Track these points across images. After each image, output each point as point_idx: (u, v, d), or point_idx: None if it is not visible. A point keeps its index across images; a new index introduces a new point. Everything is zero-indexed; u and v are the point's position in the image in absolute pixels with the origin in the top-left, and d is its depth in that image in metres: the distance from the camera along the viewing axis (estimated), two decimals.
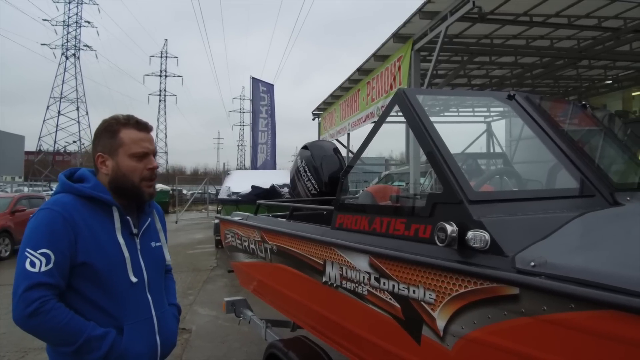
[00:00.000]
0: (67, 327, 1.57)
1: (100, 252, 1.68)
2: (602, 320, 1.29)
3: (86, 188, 1.74)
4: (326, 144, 5.12)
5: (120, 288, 1.72)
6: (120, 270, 1.72)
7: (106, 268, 1.68)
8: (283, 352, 3.01)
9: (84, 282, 1.66)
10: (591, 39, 8.50)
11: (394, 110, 2.47)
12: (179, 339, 5.63)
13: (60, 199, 1.71)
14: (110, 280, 1.69)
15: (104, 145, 1.80)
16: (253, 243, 3.73)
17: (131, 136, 1.80)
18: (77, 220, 1.66)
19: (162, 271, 1.97)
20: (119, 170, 1.78)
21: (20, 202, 13.18)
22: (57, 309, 1.57)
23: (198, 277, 9.26)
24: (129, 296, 1.74)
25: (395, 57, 7.89)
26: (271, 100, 18.86)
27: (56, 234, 1.62)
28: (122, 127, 1.80)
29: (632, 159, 2.75)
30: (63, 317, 1.57)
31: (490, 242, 1.65)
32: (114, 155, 1.79)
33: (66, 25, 56.52)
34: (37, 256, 1.58)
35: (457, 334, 1.73)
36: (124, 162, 1.78)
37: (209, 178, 31.14)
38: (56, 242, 1.61)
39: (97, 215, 1.73)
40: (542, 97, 2.79)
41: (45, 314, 1.54)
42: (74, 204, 1.70)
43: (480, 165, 4.30)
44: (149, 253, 1.87)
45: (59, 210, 1.65)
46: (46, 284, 1.56)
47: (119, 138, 1.79)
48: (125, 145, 1.79)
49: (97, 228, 1.70)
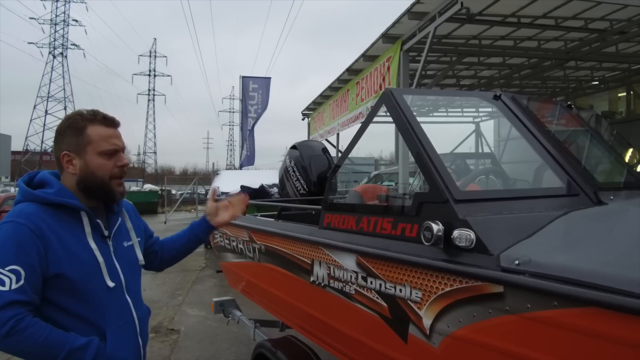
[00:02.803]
0: (47, 342, 1.49)
1: (72, 261, 1.60)
2: (584, 318, 1.31)
3: (49, 195, 1.65)
4: (315, 144, 5.11)
5: (98, 294, 1.65)
6: (96, 277, 1.65)
7: (81, 276, 1.61)
8: (271, 352, 3.01)
9: (59, 294, 1.59)
10: (578, 41, 8.58)
11: (383, 110, 2.48)
12: (168, 339, 5.63)
13: (23, 210, 1.61)
14: (87, 288, 1.62)
15: (70, 143, 1.70)
16: (241, 243, 3.73)
17: (99, 133, 1.71)
18: (44, 230, 1.57)
19: (137, 270, 1.89)
20: (87, 170, 1.70)
21: (6, 202, 13.04)
22: (33, 326, 1.48)
23: (187, 277, 9.22)
24: (109, 301, 1.68)
25: (385, 57, 7.91)
26: (264, 96, 18.73)
27: (24, 248, 1.52)
28: (88, 123, 1.70)
29: (617, 159, 2.78)
30: (41, 332, 1.49)
31: (476, 240, 1.66)
32: (81, 153, 1.69)
33: (53, 23, 55.85)
34: (5, 274, 1.48)
35: (443, 332, 1.75)
36: (93, 160, 1.70)
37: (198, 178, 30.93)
38: (25, 257, 1.51)
39: (64, 222, 1.64)
40: (529, 98, 2.81)
41: (22, 332, 1.45)
42: (39, 213, 1.60)
43: (468, 165, 4.32)
44: (123, 254, 1.80)
45: (24, 223, 1.55)
46: (18, 301, 1.47)
47: (86, 135, 1.69)
48: (93, 142, 1.69)
49: (66, 236, 1.62)
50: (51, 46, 56.33)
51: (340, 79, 10.61)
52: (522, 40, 8.65)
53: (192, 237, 2.16)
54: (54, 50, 56.36)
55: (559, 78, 12.16)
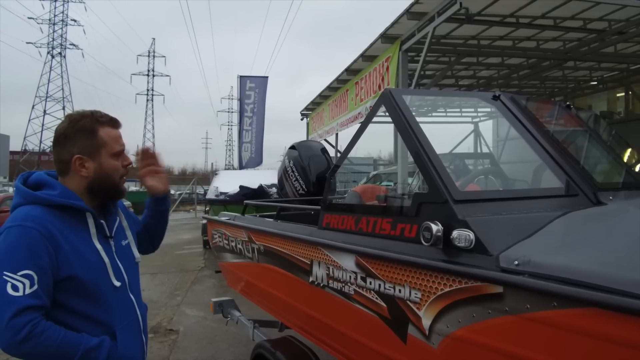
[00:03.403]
0: (62, 345, 1.50)
1: (81, 262, 1.61)
2: (584, 318, 1.31)
3: (54, 196, 1.64)
4: (314, 144, 5.11)
5: (106, 294, 1.67)
6: (103, 277, 1.67)
7: (90, 277, 1.62)
8: (270, 353, 3.01)
9: (70, 296, 1.60)
10: (576, 41, 8.58)
11: (382, 110, 2.48)
12: (166, 339, 5.62)
13: (29, 213, 1.59)
14: (97, 289, 1.64)
15: (83, 146, 1.69)
16: (240, 243, 3.73)
17: (110, 134, 1.74)
18: (53, 233, 1.57)
19: (136, 268, 1.92)
20: (102, 172, 1.72)
21: (5, 202, 13.01)
22: (48, 330, 1.49)
23: (186, 277, 9.20)
24: (116, 300, 1.71)
25: (384, 57, 7.91)
26: (260, 96, 18.72)
27: (35, 252, 1.52)
28: (99, 125, 1.72)
29: (615, 159, 2.78)
30: (56, 336, 1.50)
31: (475, 241, 1.66)
32: (95, 156, 1.70)
33: (52, 23, 55.74)
34: (18, 279, 1.47)
35: (442, 332, 1.75)
36: (107, 162, 1.72)
37: (197, 178, 30.99)
38: (36, 261, 1.51)
39: (70, 224, 1.65)
40: (527, 98, 2.82)
41: (38, 337, 1.46)
42: (45, 216, 1.60)
43: (467, 165, 4.32)
44: (123, 253, 1.82)
45: (33, 226, 1.55)
46: (34, 306, 1.48)
47: (99, 137, 1.71)
48: (107, 144, 1.72)
49: (73, 238, 1.63)
50: (50, 46, 56.24)
51: (339, 79, 10.60)
52: (521, 41, 8.65)
53: (154, 213, 2.12)
54: (52, 50, 56.27)
55: (558, 78, 12.16)
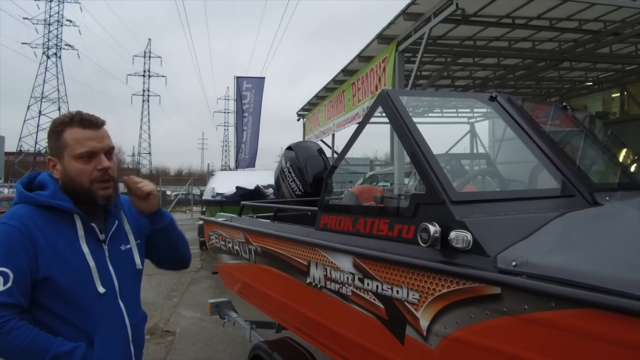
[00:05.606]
0: (31, 346, 1.48)
1: (61, 265, 1.57)
2: (582, 319, 1.31)
3: (42, 197, 1.63)
4: (311, 145, 5.12)
5: (87, 300, 1.62)
6: (85, 282, 1.62)
7: (69, 281, 1.58)
8: (267, 354, 3.00)
9: (49, 297, 1.57)
10: (572, 42, 8.60)
11: (379, 111, 2.48)
12: (163, 341, 5.61)
13: (16, 212, 1.60)
14: (76, 294, 1.59)
15: (52, 148, 1.68)
16: (237, 244, 3.72)
17: (74, 136, 1.65)
18: (34, 233, 1.56)
19: (134, 275, 1.83)
20: (66, 174, 1.66)
21: (0, 203, 12.97)
22: (18, 329, 1.47)
23: (182, 278, 9.18)
24: (99, 307, 1.64)
25: (380, 58, 7.92)
26: (257, 96, 18.72)
27: (13, 250, 1.51)
28: (66, 127, 1.66)
29: (611, 159, 2.79)
30: (26, 336, 1.48)
31: (473, 242, 1.66)
32: (60, 158, 1.67)
33: (47, 24, 55.61)
34: None
35: (440, 333, 1.74)
36: (70, 165, 1.65)
37: (193, 179, 30.91)
38: (14, 259, 1.51)
39: (57, 226, 1.62)
40: (524, 98, 2.82)
41: (6, 335, 1.45)
42: (31, 215, 1.59)
43: (463, 165, 4.33)
44: (119, 258, 1.75)
45: (15, 225, 1.55)
46: (5, 304, 1.46)
47: (62, 139, 1.65)
48: (69, 146, 1.65)
49: (57, 239, 1.60)
50: (45, 46, 56.10)
51: (336, 79, 10.59)
52: (517, 41, 8.67)
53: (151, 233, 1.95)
54: (47, 51, 56.13)
55: (554, 79, 12.19)
